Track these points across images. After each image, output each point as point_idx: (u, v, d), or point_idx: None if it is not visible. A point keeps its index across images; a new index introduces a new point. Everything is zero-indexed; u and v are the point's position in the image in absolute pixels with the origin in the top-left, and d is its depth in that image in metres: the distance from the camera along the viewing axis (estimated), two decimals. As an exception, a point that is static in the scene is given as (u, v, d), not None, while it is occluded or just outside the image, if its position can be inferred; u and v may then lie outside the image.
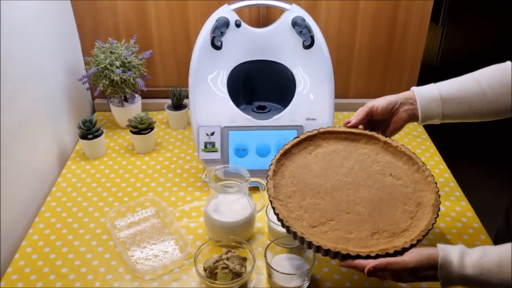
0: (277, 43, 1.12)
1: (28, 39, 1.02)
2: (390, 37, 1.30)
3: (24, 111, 1.00)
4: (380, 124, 0.90)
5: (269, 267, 0.81)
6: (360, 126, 0.90)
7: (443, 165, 1.16)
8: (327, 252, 0.71)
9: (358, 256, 0.69)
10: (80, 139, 1.16)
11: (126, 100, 1.27)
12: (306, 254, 0.87)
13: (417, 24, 1.28)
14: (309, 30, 1.06)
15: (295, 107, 1.08)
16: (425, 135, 1.29)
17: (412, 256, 0.68)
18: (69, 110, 1.23)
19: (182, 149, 1.22)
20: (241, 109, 1.09)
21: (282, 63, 1.13)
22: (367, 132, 0.88)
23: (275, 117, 1.08)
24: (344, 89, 1.38)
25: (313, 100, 1.09)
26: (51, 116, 1.14)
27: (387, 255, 0.69)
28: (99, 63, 1.17)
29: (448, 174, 1.13)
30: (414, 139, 1.26)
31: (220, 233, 0.91)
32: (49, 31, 1.13)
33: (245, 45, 1.12)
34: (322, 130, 0.89)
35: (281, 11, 1.12)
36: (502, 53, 1.36)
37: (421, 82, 1.38)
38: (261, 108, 1.15)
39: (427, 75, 1.39)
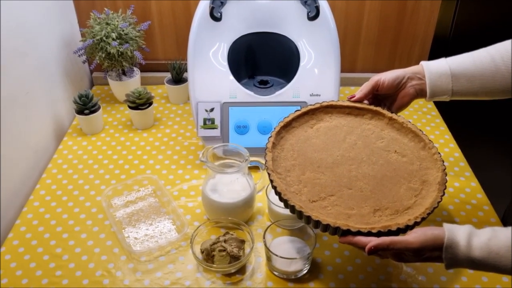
0: (281, 14, 1.06)
1: (21, 9, 0.97)
2: (401, 8, 1.23)
3: (18, 85, 0.96)
4: (386, 100, 0.86)
5: (268, 250, 0.78)
6: (365, 101, 0.86)
7: (453, 144, 1.12)
8: (326, 228, 0.68)
9: (359, 233, 0.66)
10: (76, 114, 1.12)
11: (124, 73, 1.23)
12: (307, 237, 0.84)
13: (430, -6, 1.21)
14: (314, 0, 1.00)
15: (299, 82, 1.03)
16: (435, 112, 1.23)
17: (417, 236, 0.64)
18: (65, 84, 1.19)
19: (182, 125, 1.18)
20: (242, 84, 1.04)
21: (286, 35, 1.07)
22: (372, 107, 0.85)
23: (277, 92, 1.03)
24: (351, 62, 1.32)
25: (318, 75, 1.03)
26: (47, 90, 1.10)
27: (390, 232, 0.66)
28: (94, 35, 1.13)
29: (458, 153, 1.09)
30: (423, 115, 1.21)
31: (219, 214, 0.88)
32: (44, 1, 1.07)
33: (247, 16, 1.06)
34: (324, 103, 0.85)
35: (285, -20, 1.06)
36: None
37: (433, 56, 1.32)
38: (263, 83, 1.11)
39: (439, 49, 1.33)
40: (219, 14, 0.99)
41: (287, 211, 0.85)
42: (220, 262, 0.79)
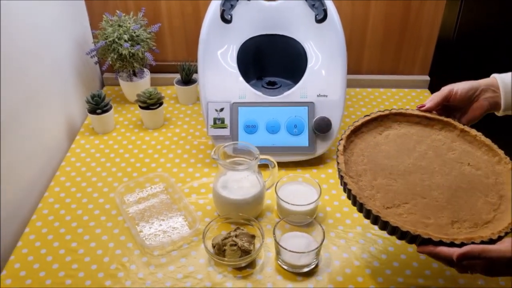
0: (289, 17, 1.09)
1: (35, 11, 1.00)
2: (406, 11, 1.26)
3: (32, 85, 0.99)
4: (456, 111, 0.83)
5: (277, 245, 0.81)
6: (434, 112, 0.84)
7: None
8: (404, 235, 0.66)
9: (441, 243, 0.64)
10: (88, 113, 1.15)
11: (134, 74, 1.26)
12: (315, 232, 0.86)
13: (434, -3, 1.24)
14: (322, 3, 1.03)
15: (306, 83, 1.06)
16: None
17: (509, 246, 0.60)
18: (77, 85, 1.22)
19: (191, 125, 1.21)
20: (251, 85, 1.07)
21: (294, 37, 1.10)
22: (442, 118, 0.83)
23: (285, 93, 1.06)
24: (357, 65, 1.35)
25: (325, 76, 1.06)
26: (60, 90, 1.13)
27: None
28: (107, 36, 1.16)
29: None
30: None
31: (229, 210, 0.91)
32: (56, 5, 1.11)
33: (256, 18, 1.09)
34: (394, 111, 0.84)
35: (293, -17, 1.08)
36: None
37: (437, 58, 1.35)
38: (271, 84, 1.13)
39: (443, 51, 1.36)
40: (229, 16, 1.02)
41: (295, 208, 0.88)
42: (231, 256, 0.81)
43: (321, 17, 1.02)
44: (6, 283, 0.80)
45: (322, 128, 1.03)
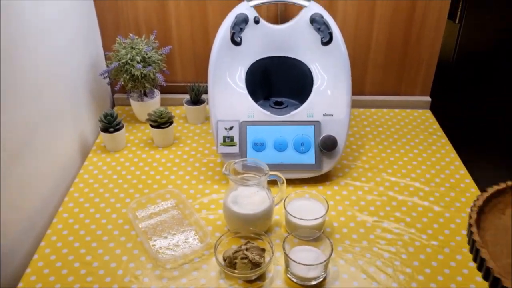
0: (295, 40, 1.14)
1: (52, 35, 1.05)
2: (407, 35, 1.31)
3: (48, 105, 1.03)
4: None
5: (287, 257, 0.83)
6: None
7: (458, 162, 1.17)
8: None
9: None
10: (101, 132, 1.19)
11: (145, 94, 1.30)
12: (322, 246, 0.89)
13: (434, 21, 1.28)
14: (327, 26, 1.08)
15: (313, 102, 1.10)
16: (441, 132, 1.29)
17: None
18: (90, 104, 1.26)
19: (200, 143, 1.24)
20: (259, 105, 1.11)
21: (300, 59, 1.15)
22: None
23: (292, 112, 1.10)
24: (360, 86, 1.39)
25: (330, 96, 1.10)
26: (74, 109, 1.16)
27: None
28: (120, 58, 1.20)
29: (463, 171, 1.14)
30: (429, 136, 1.27)
31: (239, 225, 0.93)
32: (72, 28, 1.16)
33: (263, 41, 1.14)
34: (510, 183, 0.75)
35: (299, 8, 1.13)
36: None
37: (437, 80, 1.39)
38: (279, 104, 1.17)
39: (444, 73, 1.41)
40: (239, 38, 1.07)
41: (304, 222, 0.91)
42: (242, 269, 0.83)
43: (327, 40, 1.06)
44: (23, 295, 0.82)
45: (328, 146, 1.07)
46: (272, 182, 1.00)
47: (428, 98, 1.41)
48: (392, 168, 1.15)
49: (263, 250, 0.87)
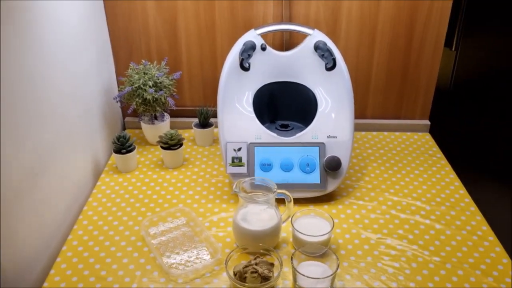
0: (300, 66, 1.20)
1: (71, 63, 1.11)
2: (406, 62, 1.37)
3: (67, 126, 1.08)
4: None
5: (295, 271, 0.87)
6: None
7: (458, 182, 1.22)
8: None
9: None
10: (114, 153, 1.24)
11: (156, 118, 1.35)
12: (328, 262, 0.92)
13: (431, 49, 1.35)
14: (331, 53, 1.14)
15: (317, 125, 1.15)
16: (440, 154, 1.34)
17: None
18: (103, 127, 1.31)
19: (208, 165, 1.29)
20: (266, 127, 1.16)
21: (305, 84, 1.20)
22: None
23: (298, 134, 1.15)
24: (362, 110, 1.45)
25: (334, 119, 1.15)
26: (88, 132, 1.21)
27: None
28: (133, 83, 1.26)
29: (463, 190, 1.18)
30: (429, 157, 1.32)
31: (248, 241, 0.97)
32: (89, 56, 1.22)
33: (270, 67, 1.20)
34: None
35: (303, 36, 1.20)
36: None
37: (436, 104, 1.45)
38: (284, 127, 1.23)
39: (442, 98, 1.47)
40: (247, 64, 1.13)
41: (311, 238, 0.95)
42: (252, 282, 0.87)
43: (331, 65, 1.12)
44: (41, 308, 0.86)
45: (332, 166, 1.11)
46: (279, 201, 1.04)
47: (428, 122, 1.46)
48: (394, 188, 1.19)
49: (272, 264, 0.91)
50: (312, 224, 1.01)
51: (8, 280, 0.85)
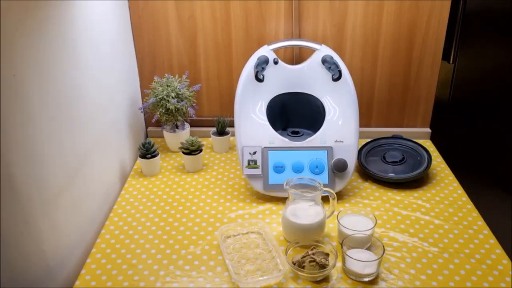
0: (309, 78, 1.31)
1: (103, 75, 1.23)
2: (406, 74, 1.49)
3: (98, 133, 1.20)
4: None
5: (345, 255, 0.97)
6: None
7: (456, 183, 1.32)
8: None
9: None
10: (139, 158, 1.35)
11: (177, 127, 1.47)
12: (374, 248, 1.02)
13: (430, 62, 1.46)
14: (336, 65, 1.26)
15: (325, 131, 1.26)
16: (440, 159, 1.44)
17: None
18: (128, 135, 1.43)
19: (226, 169, 1.40)
20: (278, 133, 1.27)
21: (313, 94, 1.32)
22: None
23: (308, 139, 1.26)
24: (367, 119, 1.56)
25: (341, 125, 1.26)
26: (116, 139, 1.34)
27: None
28: (157, 94, 1.39)
29: (460, 190, 1.28)
30: (433, 167, 1.42)
31: (296, 234, 1.07)
32: (118, 70, 1.35)
33: (282, 79, 1.31)
34: None
35: (312, 50, 1.32)
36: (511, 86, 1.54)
37: (436, 113, 1.56)
38: (295, 133, 1.34)
39: (441, 108, 1.58)
40: (262, 76, 1.25)
41: (354, 232, 1.03)
42: (311, 270, 0.96)
43: (337, 77, 1.24)
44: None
45: (339, 168, 1.22)
46: (325, 198, 1.13)
47: (428, 130, 1.57)
48: (396, 188, 1.29)
49: (327, 254, 1.00)
50: (356, 220, 1.09)
51: (52, 264, 0.96)
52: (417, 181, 1.32)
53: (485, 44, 1.52)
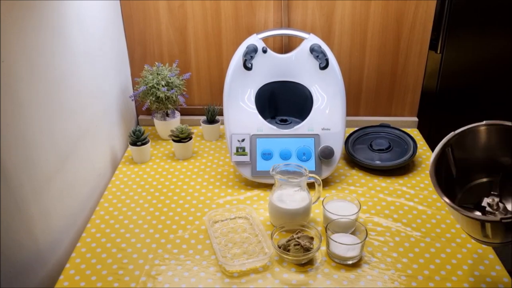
0: (297, 66, 1.33)
1: (94, 64, 1.25)
2: (394, 64, 1.51)
3: (88, 121, 1.22)
4: None
5: (329, 239, 1.00)
6: None
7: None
8: None
9: None
10: (130, 145, 1.37)
11: (167, 115, 1.49)
12: (358, 233, 1.05)
13: (417, 52, 1.48)
14: (324, 54, 1.28)
15: (313, 119, 1.28)
16: (426, 147, 1.47)
17: None
18: (119, 123, 1.45)
19: (215, 156, 1.42)
20: (267, 122, 1.29)
21: (301, 83, 1.34)
22: None
23: (295, 127, 1.28)
24: (355, 108, 1.58)
25: (328, 114, 1.28)
26: (107, 126, 1.35)
27: None
28: (147, 82, 1.40)
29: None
30: (419, 155, 1.44)
31: (283, 219, 1.09)
32: (108, 59, 1.36)
33: (270, 68, 1.33)
34: None
35: (301, 39, 1.34)
36: (497, 77, 1.57)
37: (423, 102, 1.58)
38: (283, 121, 1.36)
39: (428, 96, 1.60)
40: (250, 65, 1.27)
41: (338, 217, 1.06)
42: (295, 253, 0.99)
43: (324, 65, 1.26)
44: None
45: (326, 155, 1.24)
46: (311, 184, 1.15)
47: (416, 119, 1.59)
48: (382, 176, 1.32)
49: (312, 238, 1.03)
50: (340, 206, 1.12)
51: (43, 248, 0.98)
52: (402, 168, 1.34)
53: (473, 34, 1.55)
